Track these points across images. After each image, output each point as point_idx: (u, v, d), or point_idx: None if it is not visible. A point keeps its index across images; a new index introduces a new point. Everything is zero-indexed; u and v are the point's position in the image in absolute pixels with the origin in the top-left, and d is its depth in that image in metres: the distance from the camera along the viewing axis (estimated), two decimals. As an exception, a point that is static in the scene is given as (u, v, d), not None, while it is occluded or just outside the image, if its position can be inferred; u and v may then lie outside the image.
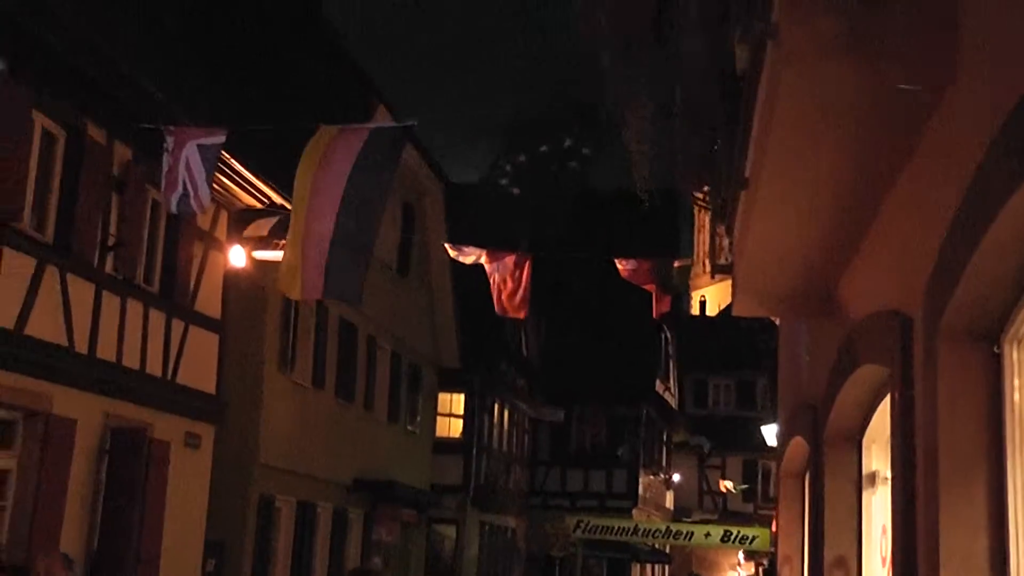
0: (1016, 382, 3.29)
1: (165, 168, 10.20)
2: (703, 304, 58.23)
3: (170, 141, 10.26)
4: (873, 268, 4.75)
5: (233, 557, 17.49)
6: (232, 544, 17.42)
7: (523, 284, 15.52)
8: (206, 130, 11.43)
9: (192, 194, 10.09)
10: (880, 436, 5.73)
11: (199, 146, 10.17)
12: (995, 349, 3.37)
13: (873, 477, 5.72)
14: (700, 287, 68.25)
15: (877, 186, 4.27)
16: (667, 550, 38.74)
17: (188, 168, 10.00)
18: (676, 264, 15.97)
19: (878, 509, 5.71)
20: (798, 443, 7.51)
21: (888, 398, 5.18)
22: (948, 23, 3.34)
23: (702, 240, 73.42)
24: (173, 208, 10.41)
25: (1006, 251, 3.01)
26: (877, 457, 5.75)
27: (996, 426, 3.35)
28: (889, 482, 5.71)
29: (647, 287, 15.56)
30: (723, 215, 6.73)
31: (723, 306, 62.26)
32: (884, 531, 5.58)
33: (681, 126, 6.11)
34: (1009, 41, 2.81)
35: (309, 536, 20.19)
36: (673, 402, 42.12)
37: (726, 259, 7.14)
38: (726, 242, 7.17)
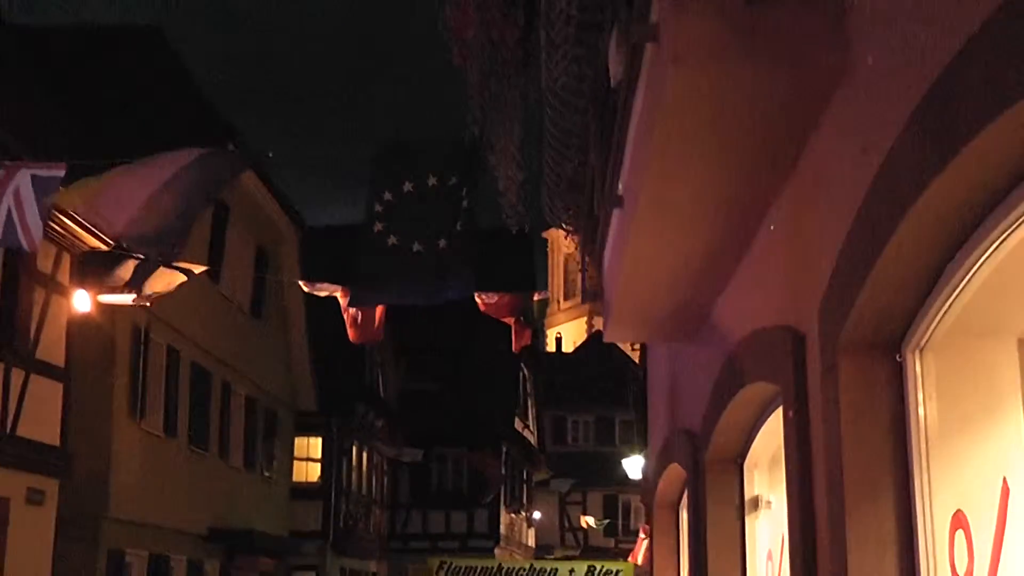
0: (920, 393, 3.17)
1: None
2: (559, 341, 58.56)
3: (0, 172, 9.62)
4: (755, 284, 4.63)
5: (82, 617, 16.63)
6: (81, 603, 16.56)
7: (379, 314, 15.13)
8: (44, 164, 10.87)
9: (19, 227, 9.32)
10: (762, 459, 5.62)
11: (33, 177, 9.56)
12: (897, 358, 3.24)
13: (756, 501, 5.60)
14: (555, 324, 68.71)
15: (762, 197, 4.15)
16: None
17: (17, 197, 9.31)
18: (536, 297, 15.89)
19: (762, 534, 5.59)
20: (673, 471, 7.39)
21: (773, 417, 5.07)
22: (838, 15, 3.22)
23: (557, 277, 74.15)
24: None
25: (910, 254, 2.88)
26: (760, 481, 5.64)
27: (901, 438, 3.22)
28: (772, 506, 5.61)
29: (507, 320, 15.40)
30: (591, 240, 6.58)
31: (578, 343, 62.78)
32: (769, 556, 5.45)
33: (550, 147, 5.95)
34: (910, 26, 2.69)
35: (163, 591, 19.38)
36: (533, 439, 42.06)
37: (591, 287, 7.00)
38: (591, 271, 7.04)
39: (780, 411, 4.93)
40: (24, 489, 14.79)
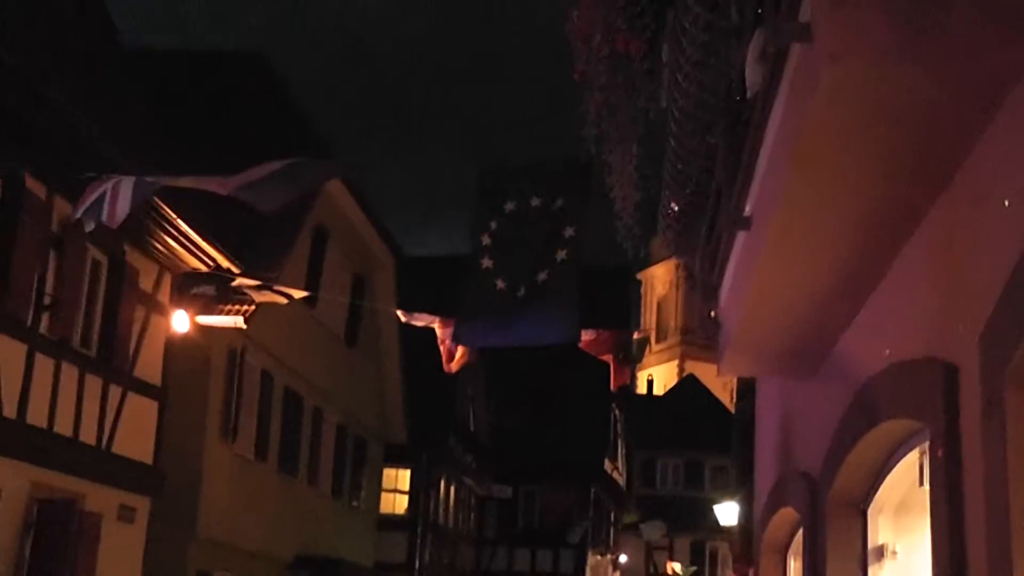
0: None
1: (89, 186, 9.37)
2: (650, 383, 57.98)
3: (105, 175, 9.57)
4: (894, 313, 4.30)
5: (167, 637, 16.57)
6: (166, 623, 16.52)
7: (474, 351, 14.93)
8: (148, 175, 10.93)
9: (107, 206, 9.17)
10: (888, 504, 5.26)
11: (137, 179, 9.51)
12: (1072, 392, 2.91)
13: (881, 550, 5.23)
14: (647, 366, 68.04)
15: (910, 214, 3.83)
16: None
17: (115, 188, 9.21)
18: (635, 335, 15.57)
19: (888, 585, 5.22)
20: (784, 516, 7.02)
21: (906, 459, 4.72)
22: (1017, 7, 2.92)
23: (650, 317, 73.51)
24: (78, 213, 9.49)
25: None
26: (885, 528, 5.27)
27: (1075, 481, 2.88)
28: (898, 556, 5.23)
29: (605, 358, 15.08)
30: (710, 268, 6.28)
31: (669, 385, 62.05)
32: (899, 610, 5.09)
33: (671, 167, 5.68)
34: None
35: (249, 615, 19.29)
36: (622, 481, 41.51)
37: (708, 322, 6.69)
38: (701, 306, 6.74)
39: (915, 452, 4.59)
40: (116, 506, 14.80)
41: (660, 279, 76.80)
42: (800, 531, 7.13)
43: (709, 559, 45.06)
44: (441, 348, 14.41)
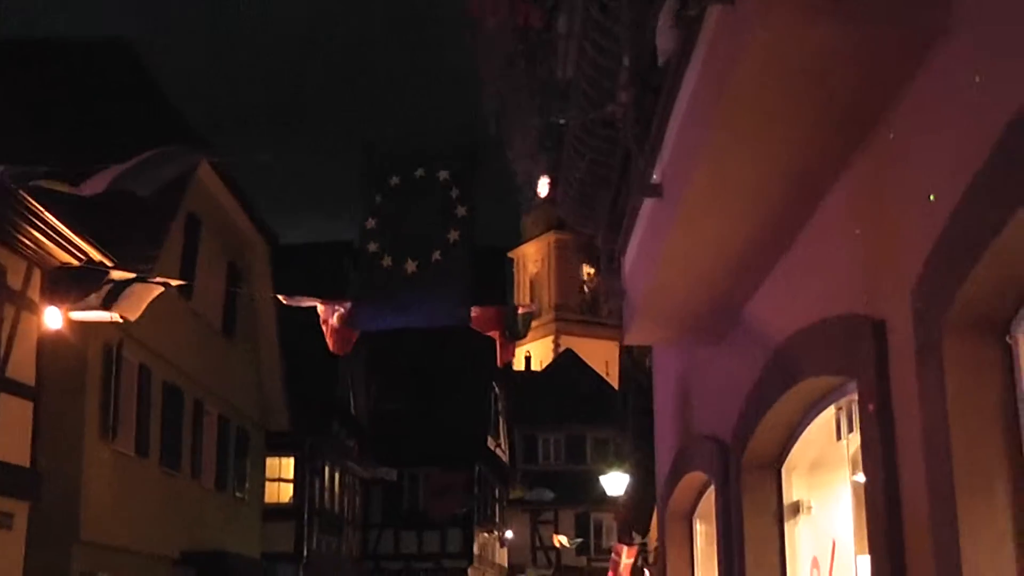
0: (1033, 375, 2.91)
1: None
2: (528, 359, 58.27)
3: None
4: (810, 273, 4.36)
5: (53, 644, 16.08)
6: (51, 630, 16.02)
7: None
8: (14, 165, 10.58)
9: None
10: (802, 462, 5.36)
11: (6, 170, 9.18)
12: (1008, 340, 2.98)
13: (796, 507, 5.33)
14: (523, 343, 68.38)
15: (828, 172, 3.88)
16: (504, 609, 38.13)
17: None
18: (521, 311, 15.59)
19: (803, 540, 5.33)
20: (690, 480, 7.11)
21: (820, 418, 4.81)
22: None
23: (523, 296, 73.85)
24: None
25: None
26: (799, 484, 5.38)
27: (1014, 424, 2.96)
28: (812, 511, 5.34)
29: (491, 334, 15.08)
30: (612, 240, 6.30)
31: (546, 362, 62.47)
32: (815, 564, 5.19)
33: (573, 139, 5.67)
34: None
35: (135, 616, 18.84)
36: (504, 458, 41.72)
37: (611, 292, 6.73)
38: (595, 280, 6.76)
39: (831, 409, 4.69)
40: (-7, 512, 14.28)
41: (531, 257, 77.21)
42: (706, 495, 7.25)
43: (594, 530, 45.61)
44: (325, 330, 14.20)
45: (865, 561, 4.56)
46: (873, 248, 3.64)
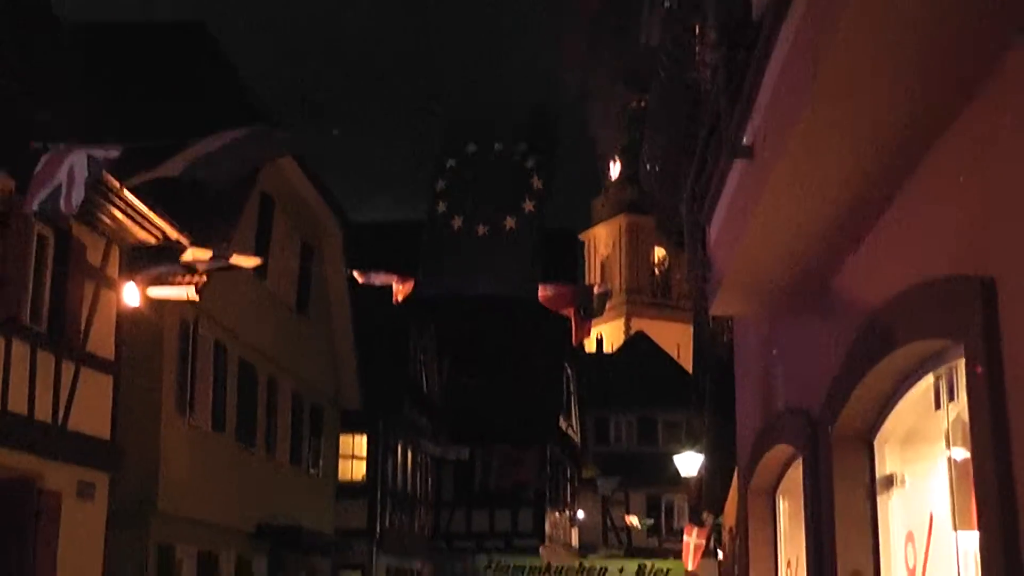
0: None
1: (38, 168, 9.12)
2: (599, 342, 58.04)
3: (54, 153, 9.30)
4: (910, 235, 4.19)
5: (132, 614, 16.33)
6: (132, 599, 16.27)
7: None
8: (100, 146, 10.61)
9: (63, 194, 8.97)
10: (895, 434, 5.18)
11: (89, 156, 9.24)
12: None
13: (890, 480, 5.16)
14: (595, 324, 68.12)
15: (934, 129, 3.71)
16: (575, 588, 38.07)
17: (70, 174, 8.99)
18: (597, 290, 15.48)
19: (897, 515, 5.16)
20: (775, 455, 6.95)
21: (916, 387, 4.64)
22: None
23: (594, 278, 73.62)
24: (34, 206, 9.25)
25: None
26: (892, 458, 5.20)
27: None
28: (907, 484, 5.17)
29: (566, 312, 14.99)
30: (697, 210, 6.16)
31: (617, 344, 62.21)
32: (910, 538, 5.02)
33: (658, 105, 5.53)
34: None
35: (212, 587, 19.09)
36: (576, 439, 41.63)
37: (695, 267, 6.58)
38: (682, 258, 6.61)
39: (928, 378, 4.51)
40: (75, 482, 14.49)
41: (603, 240, 76.91)
42: (790, 470, 7.08)
43: (665, 512, 45.41)
44: (394, 286, 14.16)
45: (966, 537, 4.40)
46: (982, 203, 3.47)
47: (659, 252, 76.42)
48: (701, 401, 16.86)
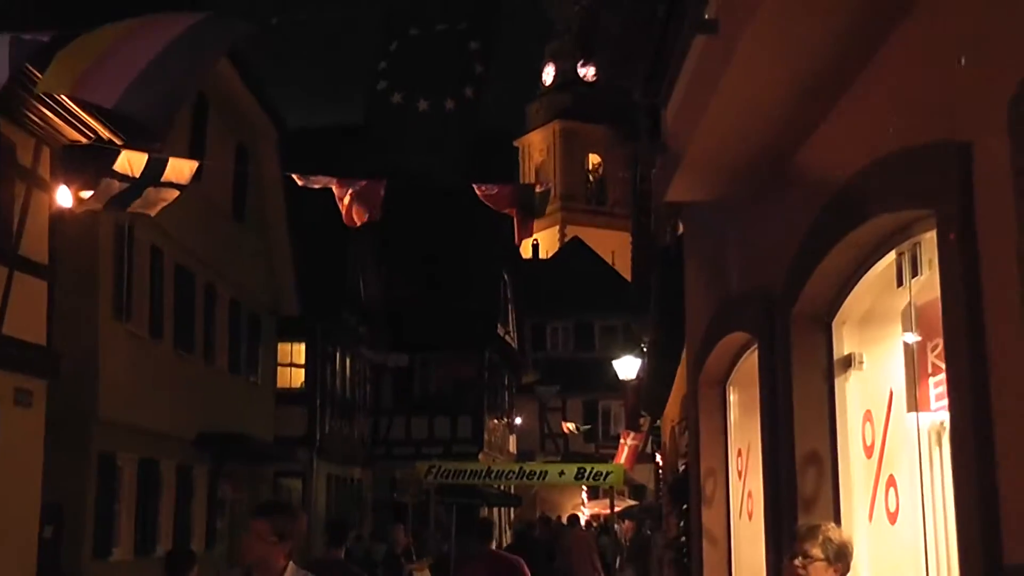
0: None
1: None
2: (535, 248, 58.16)
3: None
4: (878, 106, 4.14)
5: (73, 520, 16.21)
6: (71, 507, 16.13)
7: (377, 204, 14.51)
8: (27, 33, 10.23)
9: None
10: (853, 315, 5.20)
11: (13, 39, 8.82)
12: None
13: (847, 361, 5.19)
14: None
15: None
16: (512, 491, 38.50)
17: None
18: (538, 189, 15.39)
19: (854, 396, 5.20)
20: (727, 344, 6.97)
21: (879, 265, 4.64)
22: None
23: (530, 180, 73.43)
24: None
25: None
26: (850, 339, 5.23)
27: None
28: (864, 366, 5.20)
29: (508, 211, 14.88)
30: (654, 93, 6.07)
31: (552, 251, 62.37)
32: (868, 417, 5.07)
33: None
34: None
35: (153, 495, 18.99)
36: (514, 346, 41.83)
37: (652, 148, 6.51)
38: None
39: (890, 256, 4.51)
40: (11, 390, 14.25)
41: (537, 146, 76.68)
42: (742, 360, 7.12)
43: (601, 418, 45.99)
44: (340, 206, 13.95)
45: (917, 418, 4.44)
46: (959, 68, 3.42)
47: (593, 159, 76.47)
48: (642, 303, 16.95)
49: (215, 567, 19.13)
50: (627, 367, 24.24)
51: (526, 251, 50.94)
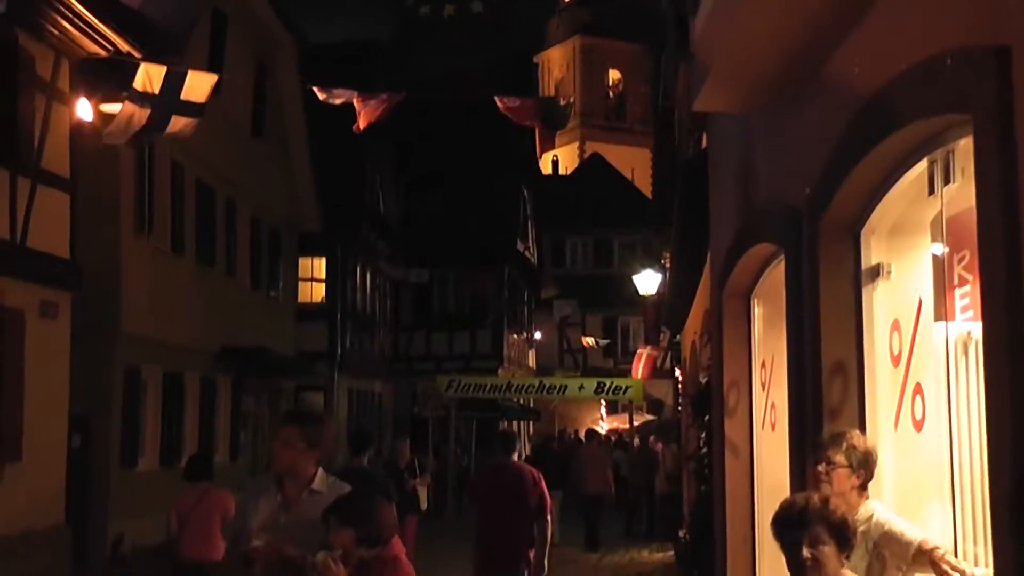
0: None
1: None
2: (555, 164, 57.92)
3: None
4: (912, 11, 4.08)
5: (99, 431, 16.46)
6: (98, 418, 16.37)
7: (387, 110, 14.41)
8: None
9: None
10: (882, 225, 5.17)
11: None
12: None
13: (876, 271, 5.17)
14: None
15: None
16: (531, 405, 38.83)
17: None
18: (561, 102, 15.31)
19: (882, 305, 5.19)
20: (753, 256, 6.96)
21: (909, 175, 4.60)
22: None
23: (550, 101, 72.91)
24: None
25: None
26: (878, 249, 5.20)
27: None
28: (892, 276, 5.19)
29: (530, 123, 14.82)
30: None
31: (571, 168, 62.06)
32: (895, 326, 5.07)
33: None
34: None
35: (178, 407, 19.23)
36: (533, 262, 41.86)
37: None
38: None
39: (921, 164, 4.47)
40: (37, 302, 14.38)
41: (557, 62, 75.92)
42: (767, 272, 7.11)
43: (620, 333, 46.14)
44: (357, 105, 13.85)
45: (946, 328, 4.43)
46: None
47: (613, 75, 75.76)
48: (663, 218, 16.91)
49: (238, 478, 19.41)
50: (647, 281, 24.26)
51: (545, 166, 50.69)
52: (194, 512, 9.38)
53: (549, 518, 9.67)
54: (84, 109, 15.34)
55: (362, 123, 13.63)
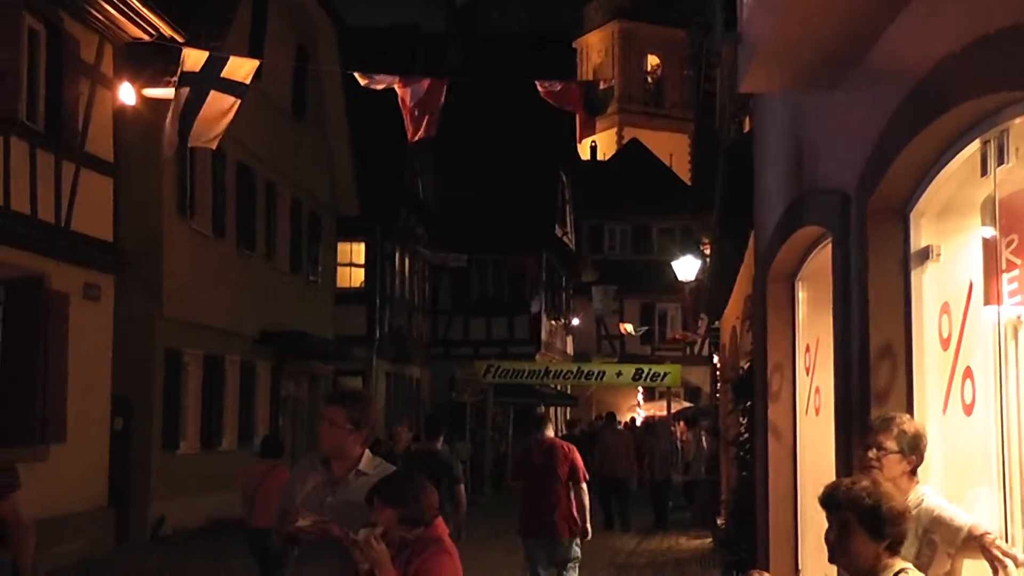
0: None
1: None
2: (593, 149, 57.73)
3: None
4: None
5: (141, 414, 16.61)
6: (140, 401, 16.52)
7: (438, 107, 14.45)
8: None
9: None
10: (932, 206, 5.10)
11: None
12: None
13: (925, 253, 5.10)
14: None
15: None
16: (568, 391, 38.80)
17: None
18: (602, 86, 15.30)
19: (931, 288, 5.13)
20: (798, 239, 6.90)
21: (962, 155, 4.54)
22: None
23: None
24: None
25: None
26: (928, 231, 5.14)
27: None
28: (941, 258, 5.12)
29: (571, 108, 14.78)
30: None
31: (610, 153, 61.88)
32: (945, 309, 5.00)
33: None
34: None
35: (218, 390, 19.36)
36: (571, 247, 41.77)
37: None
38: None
39: (974, 144, 4.41)
40: (81, 284, 14.54)
41: (595, 47, 75.68)
42: (812, 256, 7.05)
43: (658, 320, 45.99)
44: (404, 115, 13.87)
45: (998, 312, 4.37)
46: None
47: (652, 60, 75.43)
48: (703, 202, 16.82)
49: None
50: (687, 267, 24.15)
51: (584, 151, 50.50)
52: (262, 486, 10.09)
53: (584, 485, 10.61)
54: (127, 93, 15.47)
55: (422, 132, 13.55)
